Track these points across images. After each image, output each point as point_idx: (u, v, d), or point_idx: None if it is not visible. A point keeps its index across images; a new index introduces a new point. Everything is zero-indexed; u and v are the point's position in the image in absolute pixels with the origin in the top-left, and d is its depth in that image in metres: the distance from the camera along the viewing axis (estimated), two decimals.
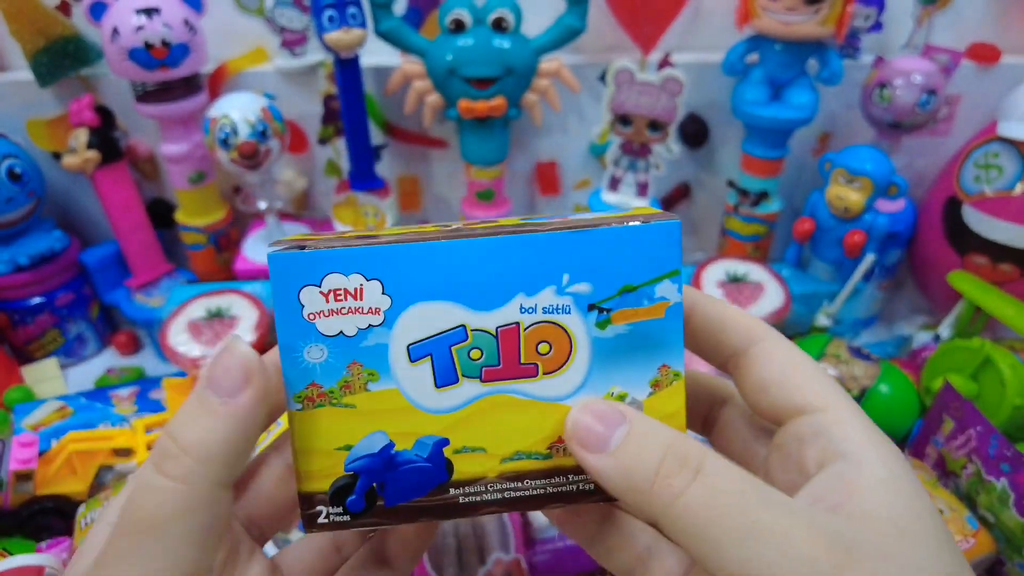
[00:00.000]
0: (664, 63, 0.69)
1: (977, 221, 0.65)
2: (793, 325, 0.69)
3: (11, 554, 0.44)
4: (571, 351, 0.19)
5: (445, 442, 0.19)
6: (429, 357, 0.19)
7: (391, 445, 0.19)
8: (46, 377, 0.68)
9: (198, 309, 0.62)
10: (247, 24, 0.68)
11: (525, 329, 0.19)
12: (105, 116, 0.65)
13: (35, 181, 0.65)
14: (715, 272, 0.68)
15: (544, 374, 0.19)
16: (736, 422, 0.23)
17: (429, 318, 0.19)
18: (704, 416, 0.24)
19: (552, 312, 0.19)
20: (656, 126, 0.68)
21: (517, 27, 0.63)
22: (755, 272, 0.68)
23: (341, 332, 0.19)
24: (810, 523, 0.16)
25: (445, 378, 0.19)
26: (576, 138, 0.76)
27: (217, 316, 0.61)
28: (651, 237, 0.19)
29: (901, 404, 0.56)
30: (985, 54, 0.71)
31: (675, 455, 0.18)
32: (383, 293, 0.18)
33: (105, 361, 0.72)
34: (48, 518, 0.50)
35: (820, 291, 0.70)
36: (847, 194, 0.65)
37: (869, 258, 0.65)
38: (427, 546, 0.25)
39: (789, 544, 0.16)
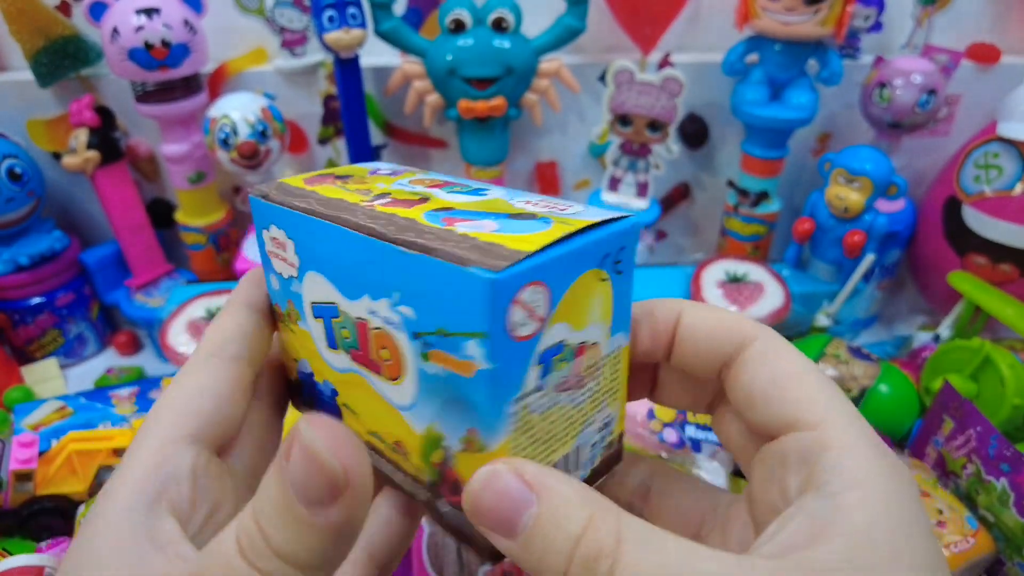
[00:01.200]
0: (664, 63, 0.69)
1: (977, 221, 0.65)
2: (793, 325, 0.70)
3: (11, 554, 0.44)
4: (401, 368, 0.18)
5: (336, 392, 0.21)
6: (322, 319, 0.20)
7: (312, 374, 0.22)
8: (46, 377, 0.68)
9: (198, 309, 0.62)
10: (247, 24, 0.68)
11: (370, 329, 0.18)
12: (105, 116, 0.65)
13: (35, 181, 0.65)
14: (715, 272, 0.68)
15: (387, 378, 0.18)
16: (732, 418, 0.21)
17: (319, 287, 0.20)
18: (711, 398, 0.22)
19: (387, 324, 0.18)
20: (656, 126, 0.68)
21: (517, 27, 0.63)
22: (755, 272, 0.68)
23: (280, 273, 0.21)
24: None
25: (331, 342, 0.20)
26: (576, 138, 0.76)
27: None
28: (461, 284, 0.15)
29: (901, 404, 0.56)
30: (985, 54, 0.71)
31: (584, 555, 0.15)
32: (295, 252, 0.20)
33: (105, 361, 0.73)
34: (48, 518, 0.50)
35: (820, 291, 0.70)
36: (847, 194, 0.65)
37: (869, 258, 0.65)
38: (407, 545, 0.24)
39: None
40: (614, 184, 0.73)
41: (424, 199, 0.19)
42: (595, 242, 0.17)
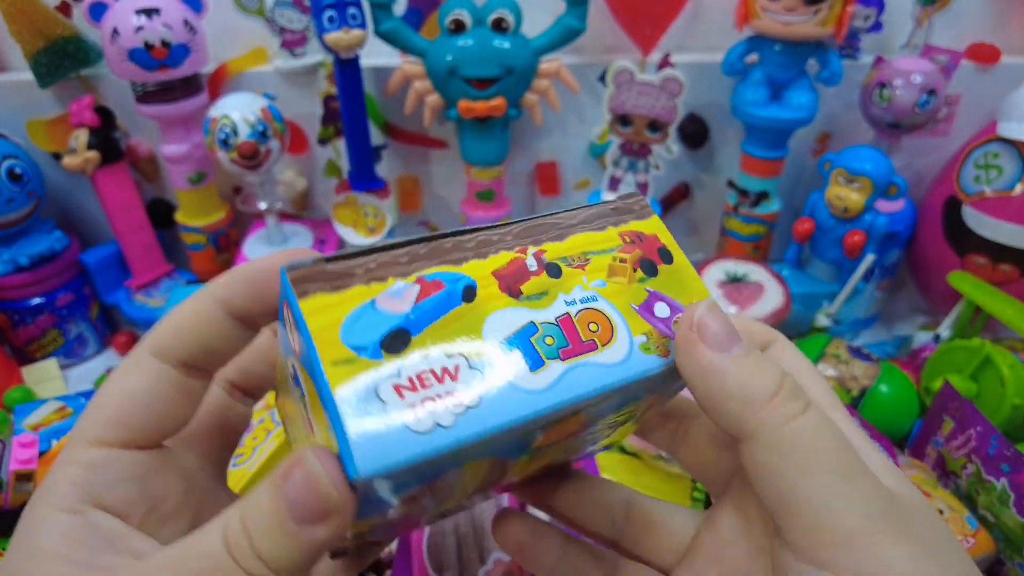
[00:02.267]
0: (664, 63, 0.69)
1: (977, 221, 0.65)
2: (793, 325, 0.70)
3: None
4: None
5: None
6: None
7: None
8: (46, 377, 0.68)
9: None
10: (247, 24, 0.68)
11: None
12: (105, 116, 0.65)
13: (35, 181, 0.65)
14: (715, 272, 0.68)
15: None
16: (701, 438, 0.24)
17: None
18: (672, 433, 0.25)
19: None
20: (656, 126, 0.68)
21: (517, 27, 0.63)
22: (755, 272, 0.68)
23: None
24: (882, 488, 0.18)
25: None
26: (576, 138, 0.76)
27: None
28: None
29: (901, 404, 0.56)
30: (985, 54, 0.71)
31: (791, 383, 0.18)
32: None
33: (105, 361, 0.72)
34: None
35: (820, 291, 0.70)
36: (847, 194, 0.65)
37: (869, 258, 0.65)
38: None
39: (871, 494, 0.17)
40: (614, 184, 0.73)
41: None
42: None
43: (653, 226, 0.23)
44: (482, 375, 0.17)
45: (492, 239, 0.20)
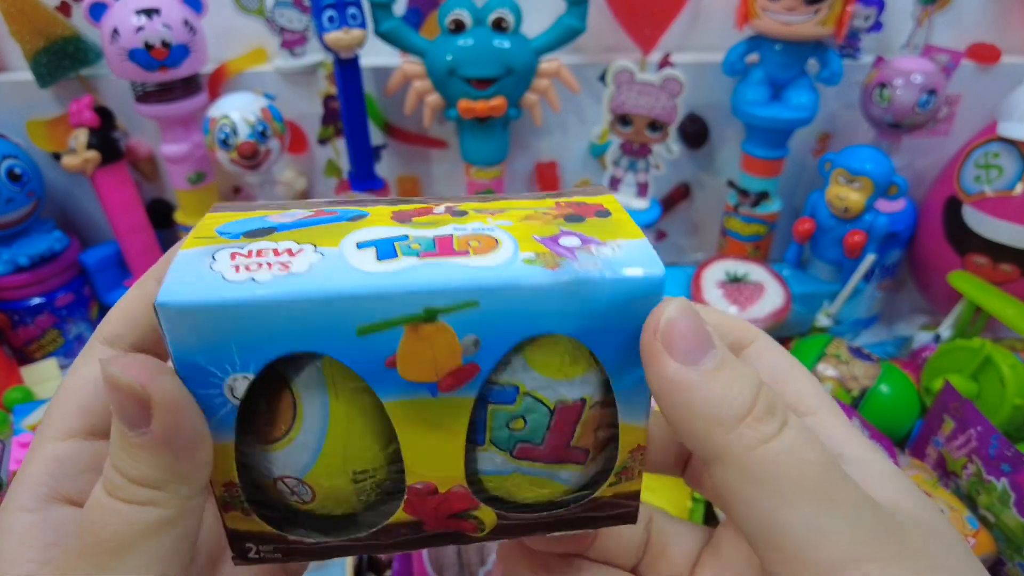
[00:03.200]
0: (664, 63, 0.69)
1: (977, 221, 0.65)
2: (793, 325, 0.69)
3: None
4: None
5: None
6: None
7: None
8: (46, 378, 0.68)
9: None
10: (247, 24, 0.68)
11: None
12: (105, 116, 0.65)
13: (35, 181, 0.65)
14: (715, 272, 0.68)
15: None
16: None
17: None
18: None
19: None
20: (656, 126, 0.68)
21: (517, 27, 0.63)
22: (755, 272, 0.68)
23: None
24: (874, 508, 0.16)
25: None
26: (576, 138, 0.76)
27: None
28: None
29: (901, 404, 0.56)
30: (985, 54, 0.71)
31: (766, 399, 0.16)
32: None
33: None
34: None
35: (820, 291, 0.70)
36: (847, 194, 0.65)
37: (869, 258, 0.65)
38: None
39: (860, 518, 0.15)
40: (614, 184, 0.73)
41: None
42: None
43: (602, 199, 0.20)
44: (323, 257, 0.16)
45: (413, 201, 0.19)
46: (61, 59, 0.65)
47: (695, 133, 0.75)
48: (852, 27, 0.69)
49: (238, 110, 0.62)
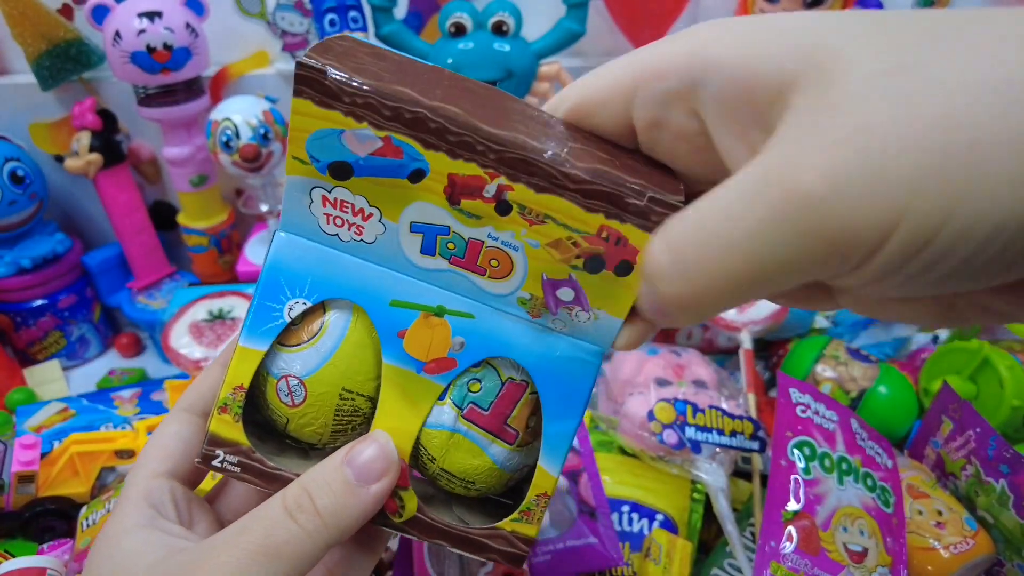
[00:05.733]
0: None
1: None
2: (792, 326, 0.70)
3: (13, 556, 0.45)
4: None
5: None
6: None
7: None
8: (48, 379, 0.68)
9: (200, 311, 0.62)
10: (249, 28, 0.68)
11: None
12: (107, 119, 0.65)
13: (38, 184, 0.65)
14: None
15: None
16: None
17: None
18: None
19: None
20: None
21: (517, 31, 0.63)
22: None
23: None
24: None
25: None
26: None
27: (219, 318, 0.62)
28: None
29: (900, 405, 0.56)
30: None
31: None
32: None
33: (107, 363, 0.73)
34: (50, 520, 0.50)
35: None
36: None
37: None
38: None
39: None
40: None
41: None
42: None
43: (645, 241, 0.20)
44: (386, 231, 0.21)
45: (476, 147, 0.19)
46: (63, 62, 0.65)
47: None
48: None
49: (240, 113, 0.62)
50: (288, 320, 0.22)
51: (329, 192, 0.21)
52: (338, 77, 0.19)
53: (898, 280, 0.15)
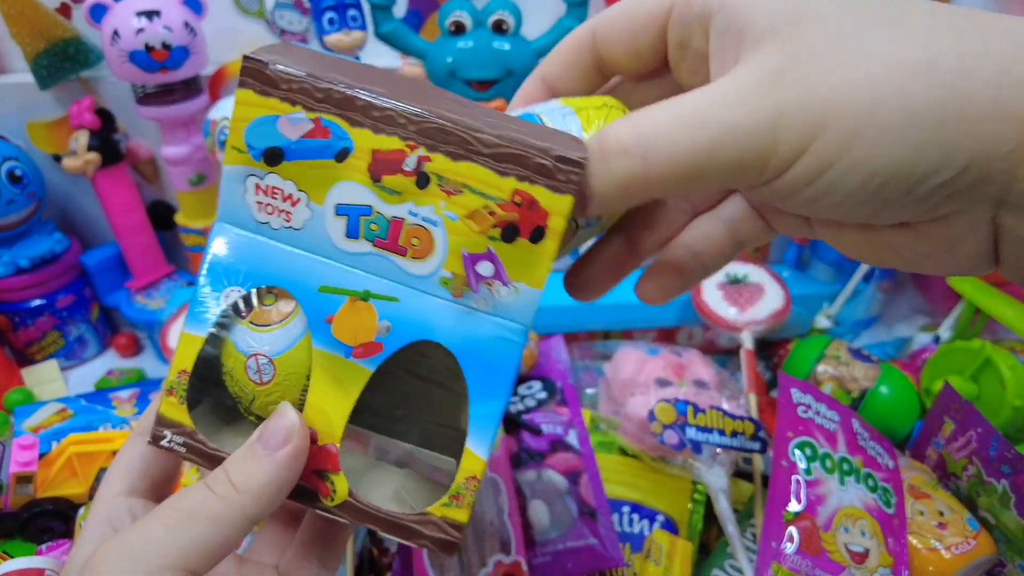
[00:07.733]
0: None
1: None
2: (793, 326, 0.70)
3: (11, 556, 0.44)
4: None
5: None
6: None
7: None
8: (46, 379, 0.68)
9: None
10: (247, 26, 0.68)
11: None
12: (105, 118, 0.65)
13: (36, 183, 0.65)
14: (715, 273, 0.68)
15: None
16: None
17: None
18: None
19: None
20: None
21: (517, 29, 0.63)
22: (755, 274, 0.68)
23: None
24: None
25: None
26: None
27: None
28: None
29: (901, 405, 0.56)
30: None
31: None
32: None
33: (105, 363, 0.73)
34: (48, 520, 0.50)
35: (820, 292, 0.70)
36: None
37: None
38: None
39: None
40: None
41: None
42: None
43: (558, 204, 0.21)
44: (312, 215, 0.22)
45: (398, 120, 0.21)
46: (62, 61, 0.65)
47: None
48: None
49: None
50: (224, 308, 0.23)
51: (262, 180, 0.22)
52: (279, 67, 0.21)
53: (803, 199, 0.19)
